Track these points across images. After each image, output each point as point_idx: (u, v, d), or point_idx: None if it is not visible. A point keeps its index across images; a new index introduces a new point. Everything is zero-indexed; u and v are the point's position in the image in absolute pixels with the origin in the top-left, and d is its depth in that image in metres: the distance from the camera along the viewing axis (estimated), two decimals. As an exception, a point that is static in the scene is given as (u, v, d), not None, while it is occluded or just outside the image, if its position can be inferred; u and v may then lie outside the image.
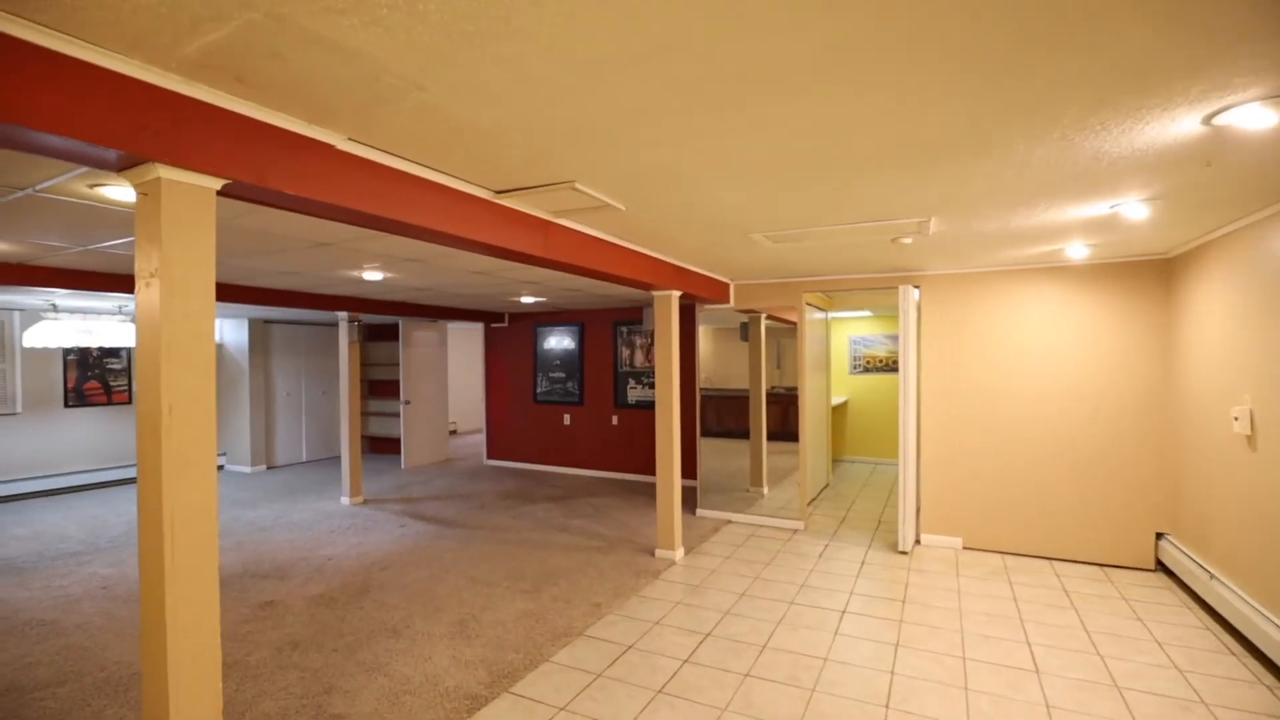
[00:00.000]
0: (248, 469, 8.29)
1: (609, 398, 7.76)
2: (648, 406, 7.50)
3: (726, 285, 5.53)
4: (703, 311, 5.99)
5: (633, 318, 7.60)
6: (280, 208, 2.00)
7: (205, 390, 1.68)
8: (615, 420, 7.71)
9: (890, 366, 8.73)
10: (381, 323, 9.26)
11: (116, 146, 1.48)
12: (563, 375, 8.13)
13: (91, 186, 2.32)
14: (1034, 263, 4.53)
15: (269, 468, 8.52)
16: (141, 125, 1.51)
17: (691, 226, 3.30)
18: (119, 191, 2.38)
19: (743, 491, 6.56)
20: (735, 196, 2.70)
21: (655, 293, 4.57)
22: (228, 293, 5.18)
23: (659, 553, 4.59)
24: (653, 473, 7.48)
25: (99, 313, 6.47)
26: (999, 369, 4.75)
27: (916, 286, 4.93)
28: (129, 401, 7.62)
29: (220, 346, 8.58)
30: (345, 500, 6.38)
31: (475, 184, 2.50)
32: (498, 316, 8.50)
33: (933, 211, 3.00)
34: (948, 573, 4.32)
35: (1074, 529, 4.52)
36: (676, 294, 4.56)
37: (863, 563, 4.52)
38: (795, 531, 5.31)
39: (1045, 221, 3.24)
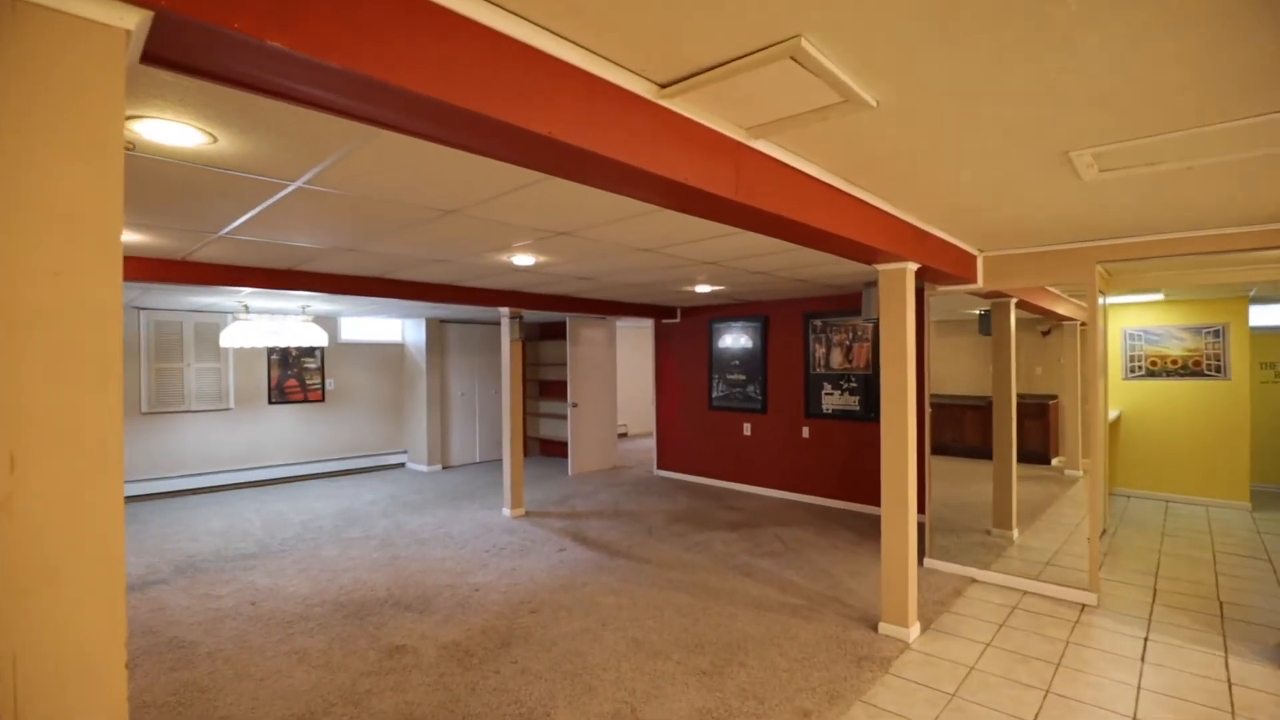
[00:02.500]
0: (425, 468, 8.32)
1: (798, 405, 6.50)
2: (847, 417, 6.12)
3: (972, 258, 4.04)
4: (932, 296, 4.54)
5: (828, 308, 6.26)
6: (280, 94, 1.16)
7: (100, 424, 0.85)
8: (806, 432, 6.43)
9: (1190, 370, 6.40)
10: (552, 320, 8.88)
11: None
12: (742, 378, 7.01)
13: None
14: None
15: (444, 467, 8.49)
16: None
17: (974, 141, 2.02)
18: (160, 130, 1.75)
19: (982, 534, 4.98)
20: (1113, 42, 1.41)
21: (880, 267, 3.29)
22: (381, 288, 4.84)
23: (884, 627, 3.30)
24: (854, 499, 6.09)
25: (285, 313, 6.68)
26: None
27: (1316, 244, 3.08)
28: (322, 399, 7.96)
29: (402, 346, 8.75)
30: (506, 512, 5.89)
31: (624, 66, 1.51)
32: (668, 311, 7.63)
33: None
34: None
35: None
36: (913, 267, 3.25)
37: (1229, 682, 2.84)
38: (1084, 608, 3.67)
39: None
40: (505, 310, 5.87)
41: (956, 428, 6.29)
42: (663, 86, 1.61)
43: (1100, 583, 3.89)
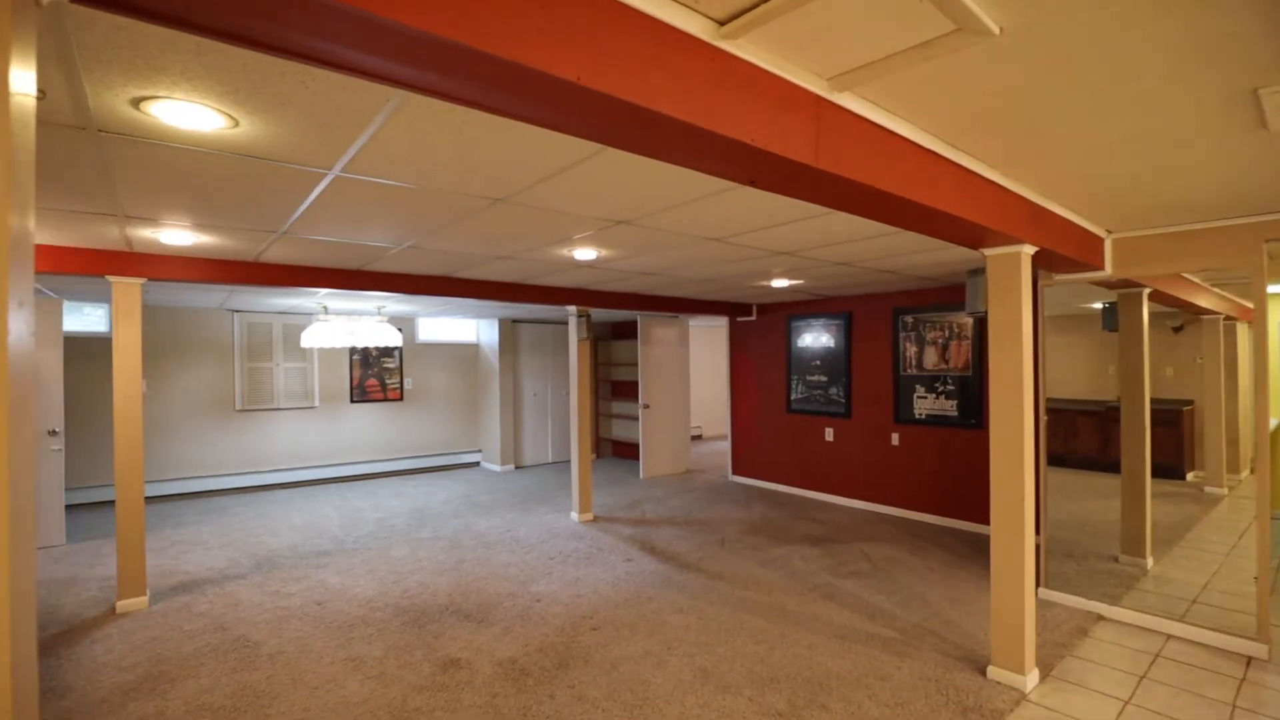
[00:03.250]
0: (498, 468, 8.34)
1: (887, 409, 5.97)
2: (942, 423, 5.54)
3: (1099, 240, 3.46)
4: (1047, 286, 3.96)
5: (921, 303, 5.70)
6: (252, 41, 0.95)
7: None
8: (895, 439, 5.88)
9: (1373, 371, 5.36)
10: (623, 320, 8.71)
11: None
12: (823, 379, 6.53)
13: (136, 103, 1.59)
14: None
15: (517, 467, 8.49)
16: None
17: (1124, 80, 1.59)
18: (176, 113, 1.63)
19: (1108, 561, 4.34)
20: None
21: (989, 251, 2.83)
22: (447, 286, 4.77)
23: (994, 672, 2.84)
24: (951, 514, 5.50)
25: (362, 314, 6.82)
26: None
27: None
28: (401, 398, 8.13)
29: (476, 346, 8.83)
30: (574, 516, 5.72)
31: (675, -4, 1.23)
32: (743, 308, 7.25)
33: None
34: None
35: None
36: (1029, 251, 2.77)
37: None
38: (1251, 661, 3.04)
39: None
40: (572, 309, 5.71)
41: (1069, 436, 5.59)
42: (722, 24, 1.31)
43: (1271, 630, 3.22)
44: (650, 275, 4.73)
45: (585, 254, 3.74)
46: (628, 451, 9.21)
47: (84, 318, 6.55)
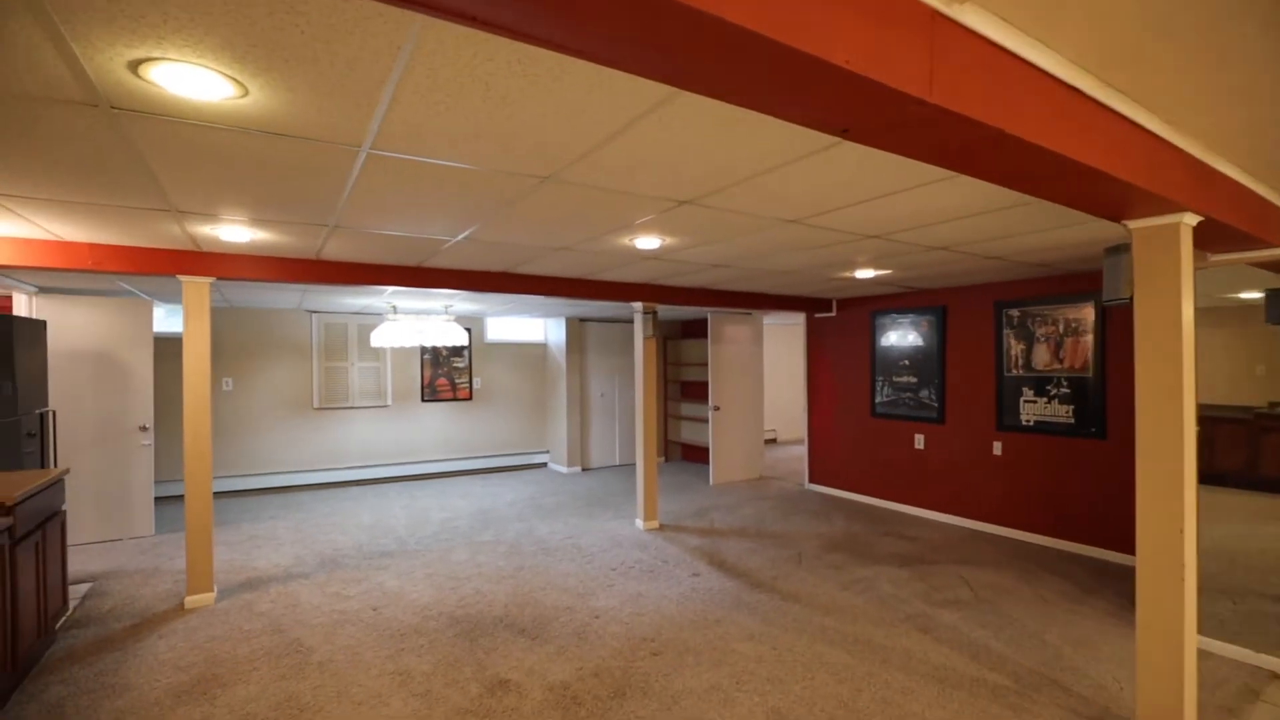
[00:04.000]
0: (564, 469, 8.19)
1: (988, 415, 5.33)
2: (1055, 431, 4.87)
3: (1274, 210, 2.83)
4: (1200, 269, 3.31)
5: (1031, 294, 5.05)
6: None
7: None
8: (998, 448, 5.25)
9: None
10: (693, 317, 8.37)
11: None
12: (913, 380, 5.95)
13: (135, 68, 1.42)
14: None
15: (583, 469, 8.31)
16: None
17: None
18: (181, 79, 1.45)
19: (1273, 602, 3.61)
20: None
21: (1134, 223, 2.31)
22: (508, 283, 4.61)
23: (1140, 739, 2.32)
24: (1066, 536, 4.83)
25: (429, 313, 6.82)
26: None
27: None
28: (470, 397, 8.13)
29: (544, 346, 8.73)
30: (639, 523, 5.44)
31: None
32: (822, 304, 6.75)
33: None
34: None
35: None
36: (1190, 222, 2.24)
37: None
38: None
39: None
40: (638, 305, 5.43)
41: (1205, 448, 4.82)
42: (804, -104, 0.97)
43: None
44: (721, 267, 4.38)
45: (648, 243, 3.44)
46: (697, 455, 8.85)
47: (181, 320, 6.89)
